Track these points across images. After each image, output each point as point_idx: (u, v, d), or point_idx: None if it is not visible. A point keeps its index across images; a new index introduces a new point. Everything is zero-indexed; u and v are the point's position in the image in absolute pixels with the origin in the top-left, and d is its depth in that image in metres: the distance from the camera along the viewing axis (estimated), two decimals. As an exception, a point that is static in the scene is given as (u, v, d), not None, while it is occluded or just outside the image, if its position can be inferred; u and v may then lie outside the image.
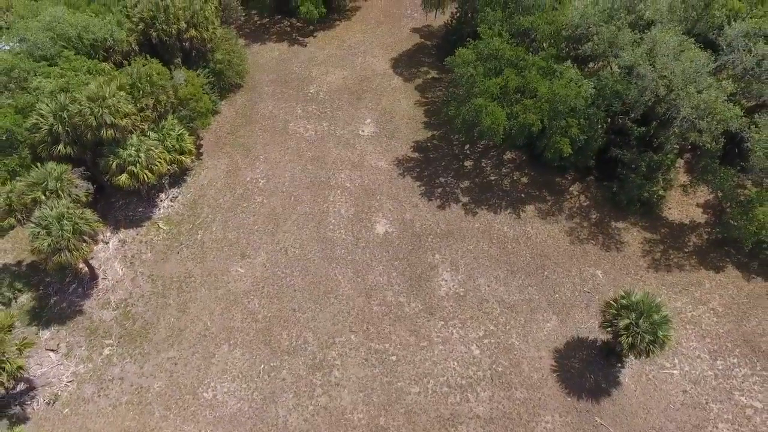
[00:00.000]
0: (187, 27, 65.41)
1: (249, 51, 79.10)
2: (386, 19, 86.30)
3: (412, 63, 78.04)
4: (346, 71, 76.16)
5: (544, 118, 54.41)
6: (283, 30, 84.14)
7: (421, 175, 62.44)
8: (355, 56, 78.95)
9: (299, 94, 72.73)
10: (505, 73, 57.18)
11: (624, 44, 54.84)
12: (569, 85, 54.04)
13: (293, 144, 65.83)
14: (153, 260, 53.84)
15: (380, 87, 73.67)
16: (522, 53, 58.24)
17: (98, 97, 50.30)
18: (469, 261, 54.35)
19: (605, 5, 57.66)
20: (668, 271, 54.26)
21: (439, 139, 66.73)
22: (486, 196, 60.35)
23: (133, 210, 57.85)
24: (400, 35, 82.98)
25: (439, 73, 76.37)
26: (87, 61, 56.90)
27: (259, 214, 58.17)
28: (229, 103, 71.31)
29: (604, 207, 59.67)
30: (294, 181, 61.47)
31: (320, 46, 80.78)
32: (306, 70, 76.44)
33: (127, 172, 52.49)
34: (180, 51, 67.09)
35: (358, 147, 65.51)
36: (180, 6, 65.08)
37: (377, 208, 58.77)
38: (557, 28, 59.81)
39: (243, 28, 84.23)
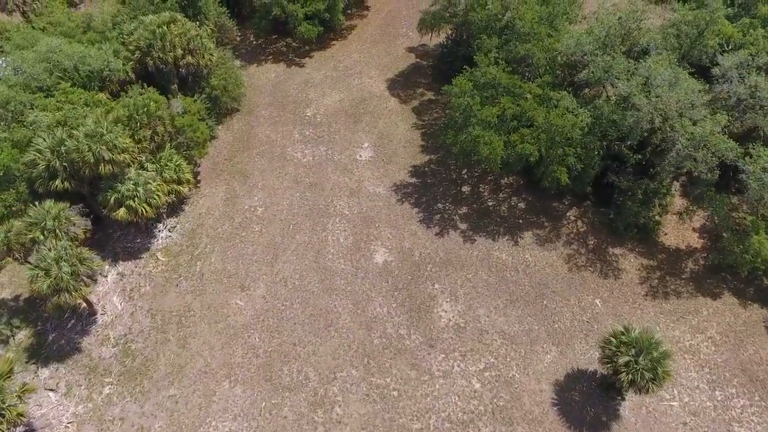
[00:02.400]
0: (183, 54, 64.66)
1: (245, 73, 78.40)
2: (382, 38, 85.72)
3: (408, 84, 77.50)
4: (343, 93, 75.56)
5: (542, 147, 53.97)
6: (279, 50, 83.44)
7: (419, 201, 61.94)
8: (352, 77, 78.35)
9: (296, 117, 72.10)
10: (501, 102, 56.70)
11: (619, 73, 54.41)
12: (566, 115, 53.56)
13: (291, 170, 65.21)
14: (152, 294, 53.16)
15: (377, 109, 73.12)
16: (518, 81, 57.76)
17: (96, 133, 49.57)
18: (469, 290, 53.90)
19: (600, 34, 57.17)
20: (666, 299, 53.94)
21: (437, 164, 66.23)
22: (484, 223, 59.91)
23: (131, 241, 57.13)
24: (395, 55, 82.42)
25: (435, 94, 75.85)
26: (84, 92, 56.13)
27: (258, 244, 57.56)
28: (226, 128, 70.63)
29: (601, 232, 59.31)
30: (292, 208, 60.86)
31: (317, 67, 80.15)
32: (303, 92, 75.79)
33: (126, 207, 51.76)
34: (176, 77, 66.31)
35: (356, 172, 64.94)
36: (176, 33, 64.34)
37: (376, 237, 58.25)
38: (553, 55, 59.39)
39: (239, 48, 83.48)
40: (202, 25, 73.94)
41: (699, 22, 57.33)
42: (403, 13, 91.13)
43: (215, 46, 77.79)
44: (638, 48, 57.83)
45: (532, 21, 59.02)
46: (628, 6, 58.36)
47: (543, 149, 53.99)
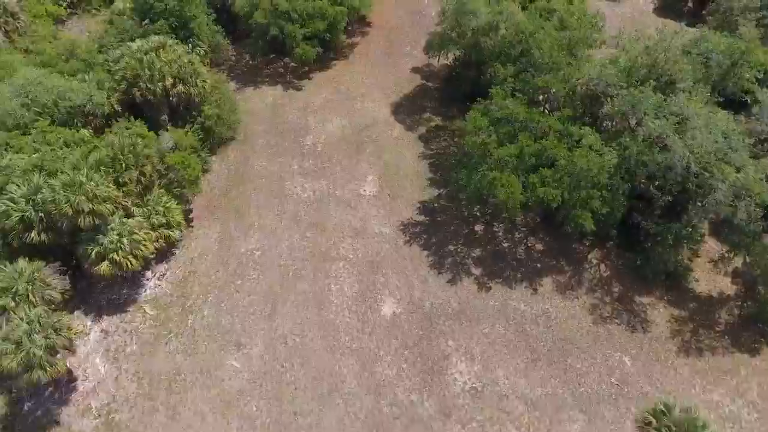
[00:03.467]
0: (174, 82, 59.44)
1: (241, 96, 73.12)
2: (385, 57, 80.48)
3: (413, 108, 72.30)
4: (345, 119, 70.34)
5: (564, 192, 48.85)
6: (276, 72, 78.12)
7: (429, 242, 56.85)
8: (354, 101, 73.12)
9: (295, 146, 66.87)
10: (520, 140, 51.57)
11: (648, 109, 49.31)
12: (590, 156, 48.44)
13: (290, 207, 60.02)
14: (139, 354, 47.98)
15: (381, 137, 67.95)
16: (537, 116, 52.64)
17: (74, 182, 44.31)
18: (485, 348, 48.87)
19: (625, 64, 52.03)
20: (700, 356, 49.04)
21: (447, 199, 61.11)
22: (499, 267, 54.84)
23: (116, 292, 51.95)
24: (400, 76, 77.18)
25: (442, 120, 70.75)
26: (63, 131, 50.84)
27: (255, 294, 52.40)
28: (220, 159, 65.38)
29: (626, 278, 54.31)
30: (292, 252, 55.69)
31: (316, 90, 74.87)
32: (302, 118, 70.55)
33: (109, 260, 46.52)
34: (166, 107, 61.06)
35: (360, 210, 59.79)
36: (166, 60, 59.06)
37: (383, 285, 53.15)
38: (572, 86, 54.28)
39: (234, 69, 78.18)
40: (194, 47, 68.73)
41: (733, 51, 52.21)
42: (407, 29, 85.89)
43: (209, 67, 72.82)
44: (665, 78, 52.54)
45: (551, 50, 53.77)
46: (656, 35, 53.09)
47: (566, 193, 48.80)
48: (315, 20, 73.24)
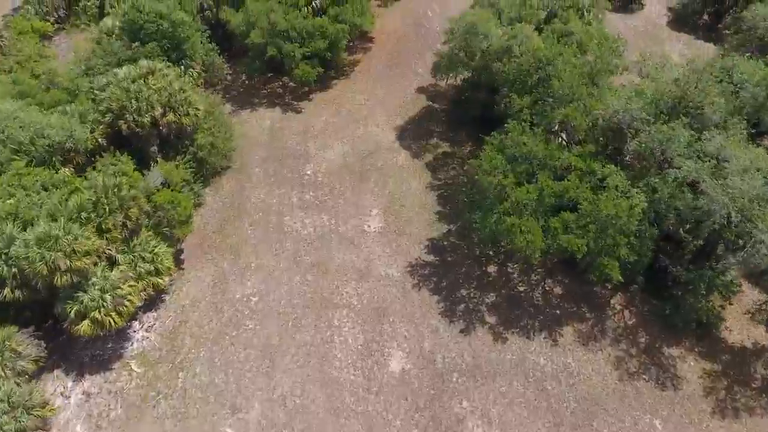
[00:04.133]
0: (164, 112, 54.58)
1: (237, 119, 68.33)
2: (389, 75, 75.70)
3: (420, 133, 67.59)
4: (347, 145, 65.59)
5: (590, 240, 44.17)
6: (274, 92, 73.31)
7: (439, 286, 52.19)
8: (356, 124, 68.37)
9: (294, 176, 62.12)
10: (539, 179, 46.85)
11: (679, 148, 44.62)
12: (618, 201, 43.73)
13: (289, 245, 55.30)
14: (124, 419, 43.32)
15: (386, 166, 63.22)
16: (557, 152, 47.93)
17: (50, 237, 39.53)
18: (503, 410, 44.27)
19: (653, 97, 47.32)
20: (736, 417, 44.51)
21: (457, 235, 56.44)
22: (516, 315, 50.22)
23: (100, 347, 47.24)
24: (404, 96, 72.42)
25: (450, 146, 66.05)
26: (41, 172, 46.04)
27: (252, 347, 47.74)
28: (214, 190, 60.60)
29: (652, 326, 49.76)
30: (292, 298, 51.01)
31: (317, 112, 70.11)
32: (302, 144, 65.79)
33: (90, 319, 41.79)
34: (156, 137, 56.21)
35: (365, 248, 55.09)
36: (155, 87, 54.19)
37: (390, 335, 48.52)
38: (594, 118, 49.55)
39: (230, 89, 73.35)
40: (187, 69, 63.79)
41: (771, 82, 47.58)
42: (411, 44, 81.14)
43: (204, 87, 68.08)
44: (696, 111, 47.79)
45: (571, 80, 49.00)
46: (686, 67, 48.35)
47: (591, 242, 44.13)
48: (315, 39, 68.42)
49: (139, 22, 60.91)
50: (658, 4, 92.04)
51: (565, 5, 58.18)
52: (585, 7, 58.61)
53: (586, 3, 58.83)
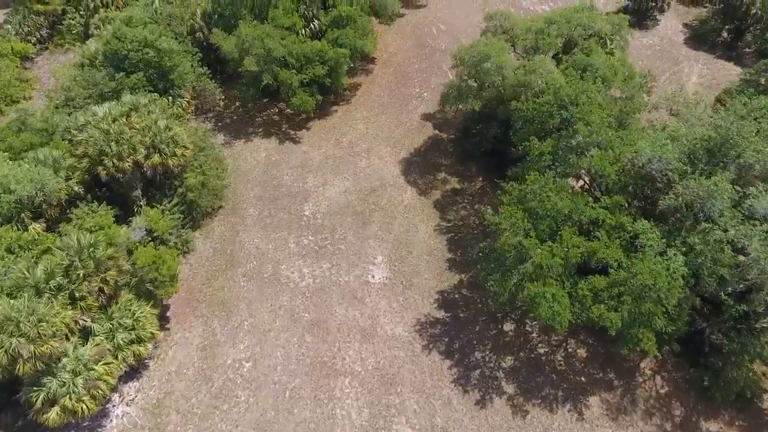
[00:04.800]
0: (148, 154, 49.00)
1: (229, 152, 62.73)
2: (392, 100, 70.05)
3: (426, 166, 62.05)
4: (348, 181, 60.04)
5: (624, 312, 38.74)
6: (270, 119, 67.68)
7: (451, 348, 46.82)
8: (358, 157, 62.80)
9: (292, 217, 56.60)
10: (564, 238, 41.38)
11: (724, 208, 39.17)
12: (655, 268, 38.29)
13: (286, 300, 49.84)
14: None
15: (390, 205, 57.70)
16: (584, 206, 42.44)
17: (10, 320, 33.96)
18: (526, 501, 38.88)
19: (691, 145, 41.85)
20: (786, 505, 39.15)
21: (469, 287, 51.05)
22: (536, 383, 44.86)
23: (75, 427, 41.67)
24: (409, 124, 66.84)
25: (460, 181, 60.54)
26: (7, 232, 40.54)
27: (244, 425, 42.34)
28: (205, 234, 55.05)
29: (688, 396, 44.45)
30: (288, 363, 45.60)
31: (315, 143, 64.52)
32: (299, 179, 60.22)
33: (59, 407, 36.31)
34: (141, 180, 50.67)
35: (369, 303, 49.66)
36: (138, 127, 48.63)
37: (398, 409, 43.13)
38: (622, 166, 44.09)
39: (222, 117, 67.67)
40: (175, 100, 58.16)
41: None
42: (415, 65, 75.47)
43: (195, 114, 62.54)
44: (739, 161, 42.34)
45: (600, 124, 43.50)
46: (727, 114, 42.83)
47: (625, 314, 38.71)
48: (314, 65, 62.75)
49: (122, 51, 55.15)
50: (674, 19, 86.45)
51: (586, 33, 52.45)
52: (607, 35, 52.87)
53: (608, 30, 53.00)
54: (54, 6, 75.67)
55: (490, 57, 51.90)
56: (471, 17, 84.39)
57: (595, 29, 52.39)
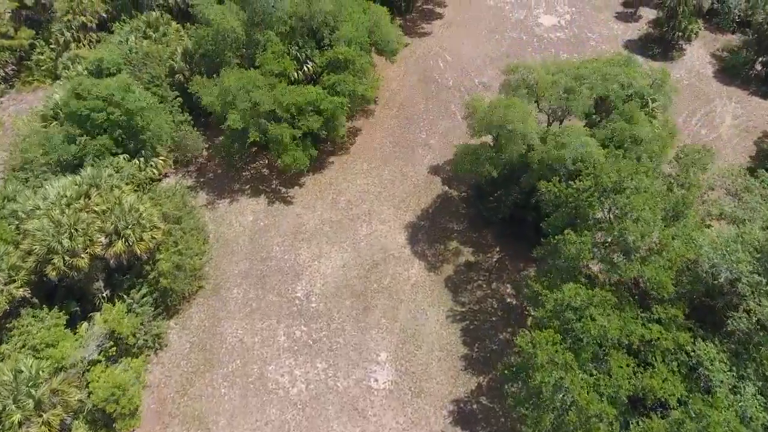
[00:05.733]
0: (111, 242, 40.37)
1: (212, 215, 54.14)
2: (395, 149, 61.43)
3: (435, 233, 53.56)
4: (347, 252, 51.53)
5: (696, 472, 30.31)
6: (259, 173, 59.00)
7: (470, 481, 38.33)
8: (358, 221, 54.23)
9: (282, 300, 48.15)
10: (611, 367, 32.91)
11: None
12: (726, 416, 29.89)
13: (274, 413, 41.50)
14: None
15: (395, 284, 49.28)
16: (634, 326, 33.93)
17: None
18: None
19: (764, 251, 33.29)
20: None
21: (489, 395, 42.79)
22: None
23: None
24: (415, 179, 58.26)
25: (474, 251, 52.08)
26: None
27: None
28: (181, 325, 46.58)
29: None
30: (276, 503, 37.11)
31: (310, 203, 55.87)
32: (291, 250, 51.71)
33: None
34: (102, 270, 42.04)
35: (372, 417, 41.39)
36: (98, 210, 39.96)
37: None
38: (679, 270, 35.50)
39: (205, 171, 58.99)
40: (148, 161, 49.44)
41: None
42: (420, 105, 66.75)
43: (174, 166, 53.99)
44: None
45: (653, 219, 34.87)
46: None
47: (695, 474, 30.29)
48: (307, 116, 53.94)
49: (83, 112, 46.36)
50: (701, 48, 77.72)
51: (625, 93, 43.76)
52: (649, 94, 44.16)
53: (649, 89, 44.29)
54: (20, 41, 66.51)
55: (513, 124, 43.17)
56: (480, 47, 75.81)
57: (635, 88, 43.52)
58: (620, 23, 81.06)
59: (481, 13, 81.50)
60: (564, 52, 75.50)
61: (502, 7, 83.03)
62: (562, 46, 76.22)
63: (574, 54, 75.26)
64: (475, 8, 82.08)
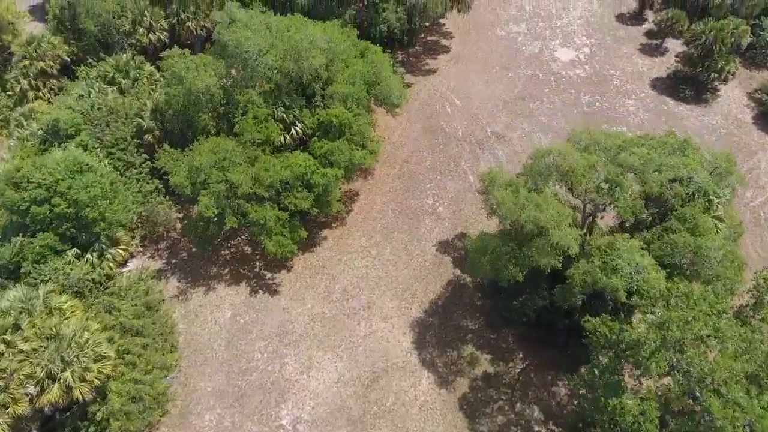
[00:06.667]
0: (42, 389, 31.14)
1: (183, 308, 45.02)
2: (398, 219, 52.27)
3: (447, 332, 44.63)
4: (342, 360, 42.53)
5: None
6: (240, 252, 49.76)
7: None
8: (355, 318, 45.18)
9: (264, 431, 38.75)
10: None
11: None
12: None
13: None
14: None
15: (399, 406, 40.29)
16: None
17: None
18: None
19: None
20: None
21: None
22: None
23: None
24: (421, 259, 49.18)
25: (493, 359, 43.12)
26: None
27: None
28: (139, 468, 37.10)
29: None
30: None
31: (299, 293, 46.66)
32: (276, 358, 42.63)
33: None
34: (35, 420, 32.64)
35: None
36: (27, 350, 30.79)
37: None
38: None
39: (177, 248, 49.63)
40: (103, 255, 40.05)
41: None
42: (426, 162, 57.57)
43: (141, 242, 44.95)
44: None
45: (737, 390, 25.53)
46: None
47: None
48: (296, 193, 44.51)
49: (21, 206, 36.87)
50: (737, 88, 68.32)
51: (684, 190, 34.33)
52: (714, 192, 34.71)
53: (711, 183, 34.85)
54: (-30, 89, 56.91)
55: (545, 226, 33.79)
56: (491, 87, 66.33)
57: (697, 184, 34.12)
58: (645, 57, 71.59)
59: (491, 46, 71.95)
60: (585, 93, 66.24)
61: (514, 38, 73.47)
62: (582, 85, 66.82)
63: (596, 96, 66.00)
64: (484, 39, 72.57)
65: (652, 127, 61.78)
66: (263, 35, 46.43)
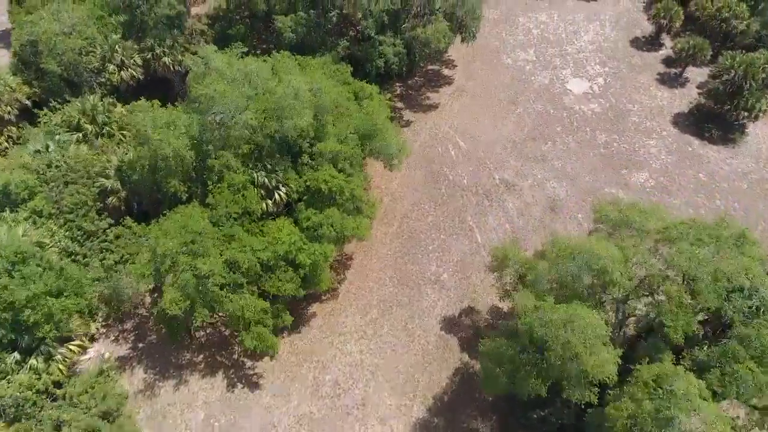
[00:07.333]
0: None
1: (149, 410, 38.36)
2: (397, 290, 45.57)
3: (453, 440, 37.29)
4: (333, 479, 35.31)
5: None
6: (217, 335, 42.81)
7: None
8: (348, 420, 38.86)
9: None
10: None
11: None
12: None
13: None
14: None
15: None
16: None
17: None
18: None
19: None
20: None
21: None
22: None
23: None
24: (424, 341, 42.46)
25: (508, 475, 35.76)
26: None
27: None
28: None
29: None
30: None
31: (283, 387, 39.91)
32: (255, 476, 35.42)
33: None
34: None
35: None
36: None
37: None
38: None
39: (145, 331, 42.54)
40: (50, 360, 33.13)
41: None
42: (429, 217, 50.72)
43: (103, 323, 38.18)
44: None
45: None
46: None
47: None
48: (280, 275, 37.49)
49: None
50: (765, 125, 61.21)
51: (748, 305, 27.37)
52: None
53: None
54: None
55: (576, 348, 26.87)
56: (499, 126, 59.34)
57: (762, 295, 27.19)
58: (664, 89, 64.52)
59: (497, 76, 64.79)
60: (601, 131, 59.31)
61: (522, 66, 66.28)
62: (598, 123, 59.86)
63: (614, 135, 59.04)
64: (490, 68, 65.44)
65: (678, 172, 55.29)
66: (241, 89, 39.26)
